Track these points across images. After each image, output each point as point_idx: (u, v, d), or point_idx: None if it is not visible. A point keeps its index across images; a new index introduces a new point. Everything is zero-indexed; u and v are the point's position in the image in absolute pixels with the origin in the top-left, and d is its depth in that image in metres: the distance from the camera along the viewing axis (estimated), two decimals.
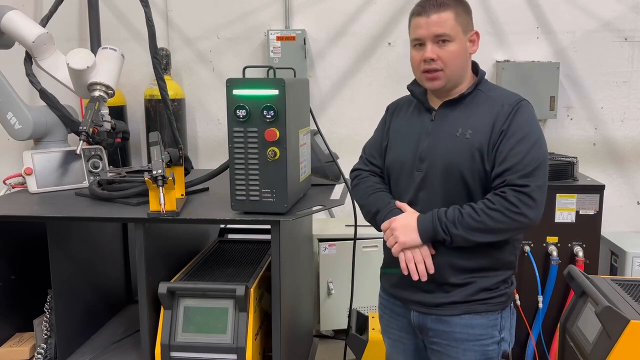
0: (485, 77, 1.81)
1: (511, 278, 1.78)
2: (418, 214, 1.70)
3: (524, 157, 1.61)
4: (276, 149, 1.87)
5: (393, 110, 1.92)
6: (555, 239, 3.15)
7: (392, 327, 1.93)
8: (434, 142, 1.72)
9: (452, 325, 1.74)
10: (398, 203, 1.76)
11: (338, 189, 2.42)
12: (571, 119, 3.79)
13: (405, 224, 1.68)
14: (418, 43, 1.70)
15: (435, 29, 1.65)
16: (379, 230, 1.80)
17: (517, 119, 1.65)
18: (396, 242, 1.68)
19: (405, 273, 1.69)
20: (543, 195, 1.62)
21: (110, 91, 2.33)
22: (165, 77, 2.61)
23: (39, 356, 2.19)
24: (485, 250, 1.68)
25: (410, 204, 1.75)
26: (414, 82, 1.83)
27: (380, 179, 1.89)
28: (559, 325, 2.60)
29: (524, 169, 1.60)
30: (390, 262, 1.85)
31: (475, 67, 1.79)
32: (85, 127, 2.16)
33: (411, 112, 1.84)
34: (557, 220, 3.13)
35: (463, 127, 1.68)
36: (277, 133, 1.86)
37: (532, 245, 3.15)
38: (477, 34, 1.73)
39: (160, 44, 2.90)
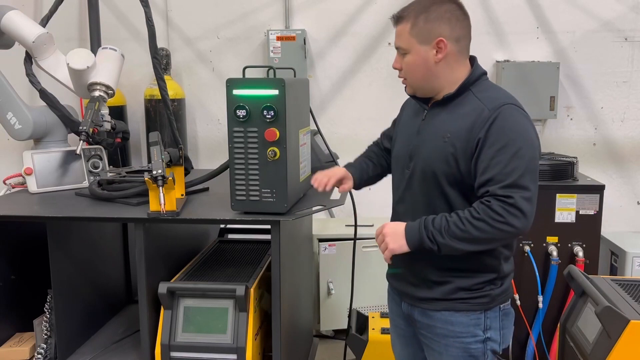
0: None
1: (501, 280, 1.76)
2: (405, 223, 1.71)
3: (504, 167, 1.57)
4: (276, 149, 1.88)
5: (406, 103, 1.98)
6: (555, 239, 3.15)
7: (393, 313, 2.00)
8: (420, 143, 1.75)
9: (434, 320, 1.78)
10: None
11: None
12: (571, 119, 3.79)
13: (394, 231, 1.69)
14: None
15: (395, 41, 1.76)
16: None
17: (496, 127, 1.61)
18: (387, 249, 1.70)
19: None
20: (530, 204, 1.58)
21: (110, 91, 2.33)
22: (165, 77, 2.61)
23: (39, 356, 2.19)
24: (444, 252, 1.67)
25: (400, 201, 1.82)
26: None
27: (379, 148, 2.07)
28: (559, 325, 2.60)
29: (505, 180, 1.57)
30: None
31: (473, 65, 1.78)
32: (85, 127, 2.16)
33: (414, 109, 1.87)
34: (557, 220, 3.13)
35: (444, 130, 1.69)
36: (277, 133, 1.86)
37: (532, 245, 3.14)
38: (442, 41, 1.68)
39: (160, 44, 2.89)
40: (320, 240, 3.39)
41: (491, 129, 1.61)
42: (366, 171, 2.02)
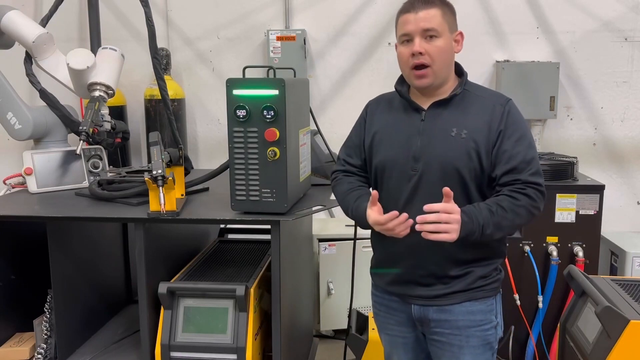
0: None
1: (501, 265, 1.86)
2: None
3: (525, 156, 1.68)
4: (276, 149, 1.88)
5: (374, 108, 1.91)
6: (555, 239, 3.15)
7: (389, 324, 1.94)
8: (428, 142, 1.73)
9: (454, 313, 1.78)
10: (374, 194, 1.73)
11: None
12: (571, 119, 3.79)
13: (458, 220, 1.60)
14: (406, 39, 1.73)
15: (423, 23, 1.69)
16: (363, 227, 1.82)
17: (512, 119, 1.71)
18: (446, 234, 1.57)
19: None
20: None
21: (110, 91, 2.33)
22: (165, 77, 2.61)
23: (39, 356, 2.19)
24: (481, 242, 1.71)
25: (407, 204, 1.75)
26: (399, 81, 1.85)
27: (357, 177, 1.91)
28: (559, 325, 2.60)
29: (530, 167, 1.67)
30: (384, 261, 1.89)
31: (458, 67, 1.82)
32: (85, 127, 2.16)
33: (395, 110, 1.84)
34: (557, 220, 3.13)
35: (458, 127, 1.72)
36: (277, 133, 1.86)
37: (532, 245, 3.14)
38: (461, 34, 1.77)
39: (160, 44, 2.90)
40: (320, 240, 3.39)
41: (508, 121, 1.70)
42: None
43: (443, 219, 1.57)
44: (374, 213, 1.71)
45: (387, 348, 2.01)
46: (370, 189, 1.91)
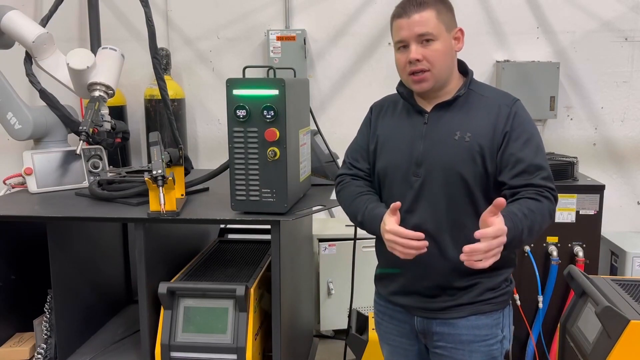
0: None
1: (511, 276, 1.77)
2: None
3: (534, 158, 1.61)
4: (276, 149, 1.88)
5: (378, 111, 1.84)
6: (555, 239, 3.15)
7: (392, 334, 1.88)
8: (431, 146, 1.67)
9: (458, 327, 1.71)
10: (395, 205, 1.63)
11: None
12: (571, 119, 3.79)
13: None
14: (402, 45, 1.65)
15: (417, 28, 1.60)
16: (372, 232, 1.72)
17: (518, 120, 1.64)
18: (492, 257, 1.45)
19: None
20: None
21: (110, 91, 2.33)
22: (165, 77, 2.61)
23: (39, 356, 2.19)
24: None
25: (409, 211, 1.69)
26: (401, 82, 1.76)
27: (365, 182, 1.83)
28: (559, 325, 2.60)
29: (541, 172, 1.61)
30: (387, 264, 1.84)
31: (462, 66, 1.74)
32: (85, 127, 2.16)
33: (399, 113, 1.78)
34: (557, 220, 3.12)
35: (461, 130, 1.65)
36: (277, 133, 1.86)
37: (532, 245, 3.14)
38: (461, 31, 1.68)
39: (160, 44, 2.89)
40: (320, 240, 3.39)
41: (514, 122, 1.63)
42: None
43: (494, 246, 1.41)
44: (392, 222, 1.59)
45: (388, 358, 1.95)
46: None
